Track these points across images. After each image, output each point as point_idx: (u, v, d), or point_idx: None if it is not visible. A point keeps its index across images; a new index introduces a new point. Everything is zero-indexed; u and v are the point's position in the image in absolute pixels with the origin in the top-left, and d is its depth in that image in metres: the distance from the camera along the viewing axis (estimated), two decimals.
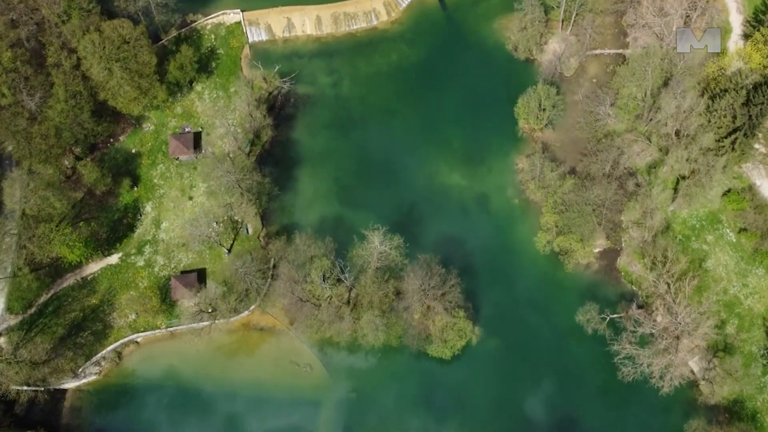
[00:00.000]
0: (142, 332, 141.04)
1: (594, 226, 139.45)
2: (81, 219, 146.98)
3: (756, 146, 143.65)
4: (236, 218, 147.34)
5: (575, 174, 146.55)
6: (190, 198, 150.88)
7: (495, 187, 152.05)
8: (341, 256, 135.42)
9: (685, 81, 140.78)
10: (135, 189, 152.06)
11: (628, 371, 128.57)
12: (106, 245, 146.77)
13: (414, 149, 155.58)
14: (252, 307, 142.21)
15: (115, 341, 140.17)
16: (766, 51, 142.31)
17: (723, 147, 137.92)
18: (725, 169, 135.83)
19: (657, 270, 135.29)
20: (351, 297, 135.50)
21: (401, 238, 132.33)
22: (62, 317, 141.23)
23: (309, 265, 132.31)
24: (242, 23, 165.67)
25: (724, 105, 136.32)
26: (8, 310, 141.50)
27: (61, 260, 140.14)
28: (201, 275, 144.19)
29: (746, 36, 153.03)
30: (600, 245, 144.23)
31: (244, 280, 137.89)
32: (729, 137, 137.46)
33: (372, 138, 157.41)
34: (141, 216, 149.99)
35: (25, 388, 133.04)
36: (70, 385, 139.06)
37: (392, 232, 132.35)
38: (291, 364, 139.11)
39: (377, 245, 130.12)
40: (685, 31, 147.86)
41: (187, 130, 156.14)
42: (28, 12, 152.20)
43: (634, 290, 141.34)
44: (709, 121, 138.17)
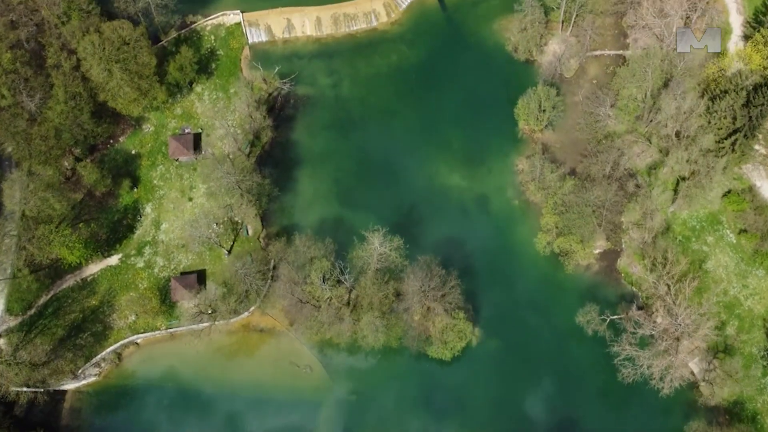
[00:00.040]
0: (142, 333, 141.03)
1: (594, 228, 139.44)
2: (81, 220, 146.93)
3: (756, 147, 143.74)
4: (236, 219, 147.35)
5: (575, 175, 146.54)
6: (190, 199, 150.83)
7: (495, 188, 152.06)
8: (341, 258, 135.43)
9: (685, 82, 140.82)
10: (135, 190, 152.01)
11: (628, 372, 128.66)
12: (106, 246, 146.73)
13: (414, 150, 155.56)
14: (252, 309, 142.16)
15: (115, 342, 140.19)
16: (766, 52, 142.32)
17: (723, 148, 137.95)
18: (725, 171, 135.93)
19: (657, 271, 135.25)
20: (351, 298, 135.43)
21: (401, 240, 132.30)
22: (62, 318, 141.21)
23: (309, 267, 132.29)
24: (242, 24, 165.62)
25: (724, 106, 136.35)
26: (8, 312, 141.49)
27: (61, 261, 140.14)
28: (201, 276, 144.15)
29: (746, 37, 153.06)
30: (600, 246, 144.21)
31: (244, 282, 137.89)
32: (729, 138, 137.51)
33: (372, 139, 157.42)
34: (141, 217, 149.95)
35: (25, 390, 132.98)
36: (70, 387, 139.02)
37: (392, 234, 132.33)
38: (291, 366, 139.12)
39: (377, 246, 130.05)
40: (685, 32, 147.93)
41: (187, 132, 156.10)
42: (28, 13, 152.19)
43: (634, 291, 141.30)
44: (709, 123, 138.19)
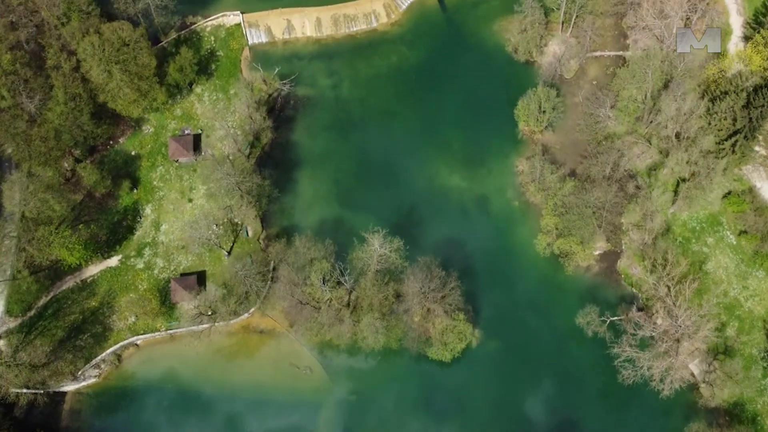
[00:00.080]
0: (142, 335, 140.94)
1: (594, 229, 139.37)
2: (80, 221, 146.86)
3: (756, 149, 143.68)
4: (236, 220, 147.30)
5: (575, 176, 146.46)
6: (190, 200, 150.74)
7: (495, 189, 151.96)
8: (341, 259, 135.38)
9: (686, 83, 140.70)
10: (134, 191, 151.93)
11: (629, 374, 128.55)
12: (106, 247, 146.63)
13: (414, 151, 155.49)
14: (252, 310, 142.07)
15: (115, 344, 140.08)
16: (767, 53, 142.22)
17: (723, 149, 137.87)
18: (725, 172, 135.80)
19: (657, 272, 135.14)
20: (351, 300, 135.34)
21: (401, 241, 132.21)
22: (62, 320, 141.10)
23: (309, 268, 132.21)
24: (242, 25, 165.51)
25: (725, 107, 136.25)
26: (8, 313, 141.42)
27: (61, 263, 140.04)
28: (201, 278, 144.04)
29: (746, 38, 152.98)
30: (600, 248, 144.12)
31: (244, 283, 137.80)
32: (729, 140, 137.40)
33: (372, 140, 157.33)
34: (141, 218, 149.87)
35: (25, 391, 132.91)
36: (70, 388, 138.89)
37: (392, 235, 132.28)
38: (291, 367, 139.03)
39: (377, 248, 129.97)
40: (685, 32, 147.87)
41: (187, 133, 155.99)
42: (28, 14, 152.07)
43: (635, 293, 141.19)
44: (710, 124, 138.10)
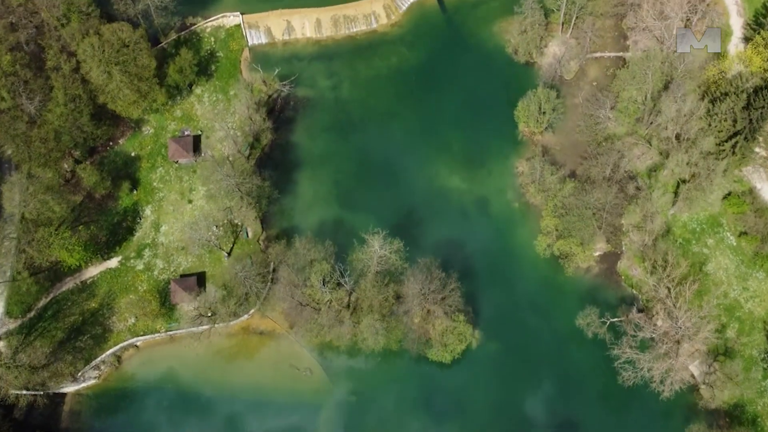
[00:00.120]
0: (142, 336, 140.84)
1: (594, 230, 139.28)
2: (80, 222, 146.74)
3: (756, 150, 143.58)
4: (236, 222, 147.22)
5: (575, 177, 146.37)
6: (190, 201, 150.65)
7: (495, 191, 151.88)
8: (341, 260, 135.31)
9: (686, 84, 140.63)
10: (134, 192, 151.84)
11: (629, 375, 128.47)
12: (106, 249, 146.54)
13: (414, 152, 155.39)
14: (252, 311, 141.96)
15: (115, 345, 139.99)
16: (767, 54, 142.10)
17: (723, 151, 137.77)
18: (726, 173, 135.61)
19: (657, 274, 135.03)
20: (351, 301, 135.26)
21: (401, 242, 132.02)
22: (62, 321, 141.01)
23: (309, 269, 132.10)
24: (242, 26, 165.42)
25: (725, 109, 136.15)
26: (7, 314, 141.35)
27: (61, 264, 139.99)
28: (201, 279, 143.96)
29: (747, 39, 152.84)
30: (600, 249, 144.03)
31: (244, 284, 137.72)
32: (729, 141, 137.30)
33: (372, 141, 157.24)
34: (140, 219, 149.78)
35: (25, 393, 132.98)
36: (70, 389, 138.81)
37: (392, 236, 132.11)
38: (291, 368, 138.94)
39: (377, 249, 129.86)
40: (685, 32, 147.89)
41: (187, 134, 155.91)
42: (28, 15, 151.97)
43: (635, 294, 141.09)
44: (710, 125, 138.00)
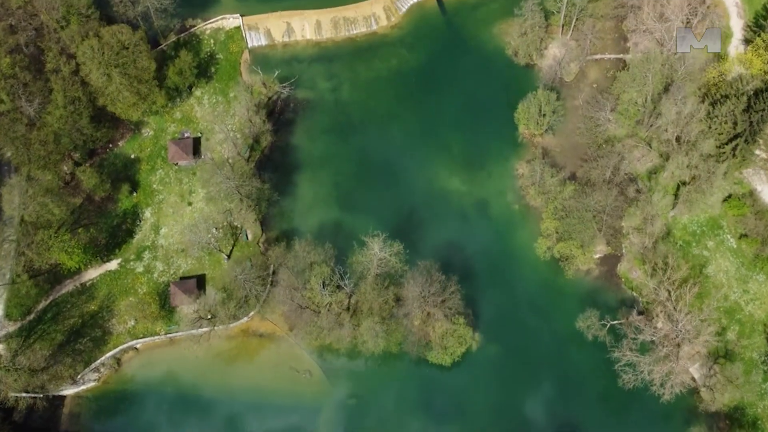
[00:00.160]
0: (141, 338, 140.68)
1: (594, 232, 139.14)
2: (80, 225, 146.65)
3: (757, 152, 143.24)
4: (236, 224, 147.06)
5: (575, 180, 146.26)
6: (190, 204, 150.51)
7: (495, 193, 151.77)
8: (341, 263, 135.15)
9: (686, 87, 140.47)
10: (134, 194, 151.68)
11: (629, 378, 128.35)
12: (105, 251, 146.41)
13: (414, 154, 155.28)
14: (251, 314, 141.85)
15: (114, 347, 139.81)
16: (767, 56, 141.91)
17: (724, 153, 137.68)
18: (726, 175, 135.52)
19: (657, 276, 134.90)
20: (351, 303, 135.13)
21: (401, 245, 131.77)
22: (61, 324, 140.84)
23: (308, 272, 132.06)
24: (242, 28, 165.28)
25: (725, 111, 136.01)
26: (7, 317, 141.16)
27: (60, 266, 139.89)
28: (200, 281, 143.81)
29: (747, 41, 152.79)
30: (600, 251, 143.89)
31: (244, 287, 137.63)
32: (730, 143, 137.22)
33: (372, 143, 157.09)
34: (140, 222, 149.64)
35: (24, 395, 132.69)
36: (69, 392, 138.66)
37: (392, 238, 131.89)
38: (290, 371, 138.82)
39: (377, 252, 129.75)
40: (686, 32, 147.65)
41: (187, 136, 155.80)
42: (27, 17, 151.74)
43: (635, 296, 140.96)
44: (710, 127, 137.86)
